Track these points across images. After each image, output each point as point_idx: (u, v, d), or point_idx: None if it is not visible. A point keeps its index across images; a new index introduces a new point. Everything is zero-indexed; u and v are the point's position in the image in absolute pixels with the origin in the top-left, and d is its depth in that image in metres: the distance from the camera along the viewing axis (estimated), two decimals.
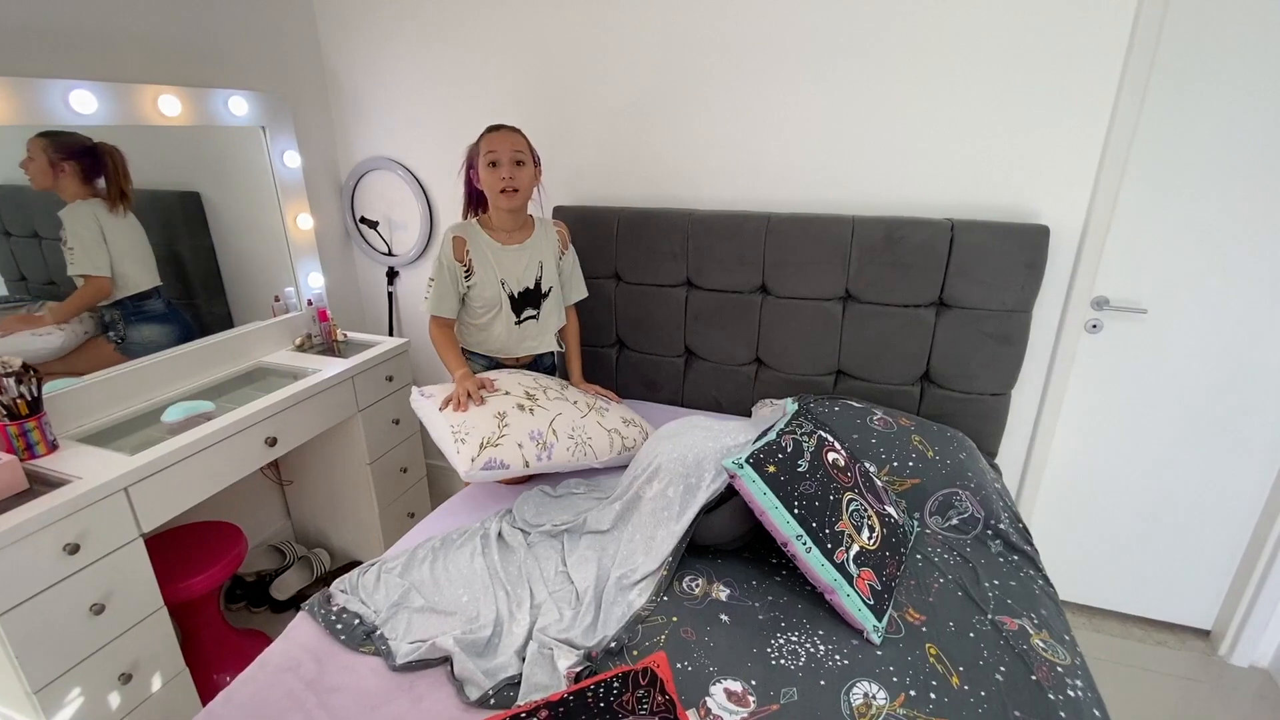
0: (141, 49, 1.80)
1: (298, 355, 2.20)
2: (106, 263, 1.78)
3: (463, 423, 1.58)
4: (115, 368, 1.77)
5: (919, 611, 1.28)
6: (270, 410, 1.79)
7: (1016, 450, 2.02)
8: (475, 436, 1.56)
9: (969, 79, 1.72)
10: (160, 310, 1.95)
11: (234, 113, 1.97)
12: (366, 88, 2.37)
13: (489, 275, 1.77)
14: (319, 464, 2.29)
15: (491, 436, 1.56)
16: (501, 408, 1.63)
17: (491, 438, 1.56)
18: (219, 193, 2.07)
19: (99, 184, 1.75)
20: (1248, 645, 1.93)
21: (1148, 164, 1.69)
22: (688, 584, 1.36)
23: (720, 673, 1.14)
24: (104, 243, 1.77)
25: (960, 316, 1.80)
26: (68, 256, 1.71)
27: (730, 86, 1.93)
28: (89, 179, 1.72)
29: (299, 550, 2.35)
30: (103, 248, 1.77)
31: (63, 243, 1.71)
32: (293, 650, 1.18)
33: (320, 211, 2.42)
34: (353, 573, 1.38)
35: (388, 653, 1.17)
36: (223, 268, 2.14)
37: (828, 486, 1.33)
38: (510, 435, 1.58)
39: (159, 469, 1.52)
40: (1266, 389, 1.77)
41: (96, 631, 1.42)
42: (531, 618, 1.25)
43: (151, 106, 1.75)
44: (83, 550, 1.37)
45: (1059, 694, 1.09)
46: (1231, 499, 1.90)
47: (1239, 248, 1.69)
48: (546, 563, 1.42)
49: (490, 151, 1.67)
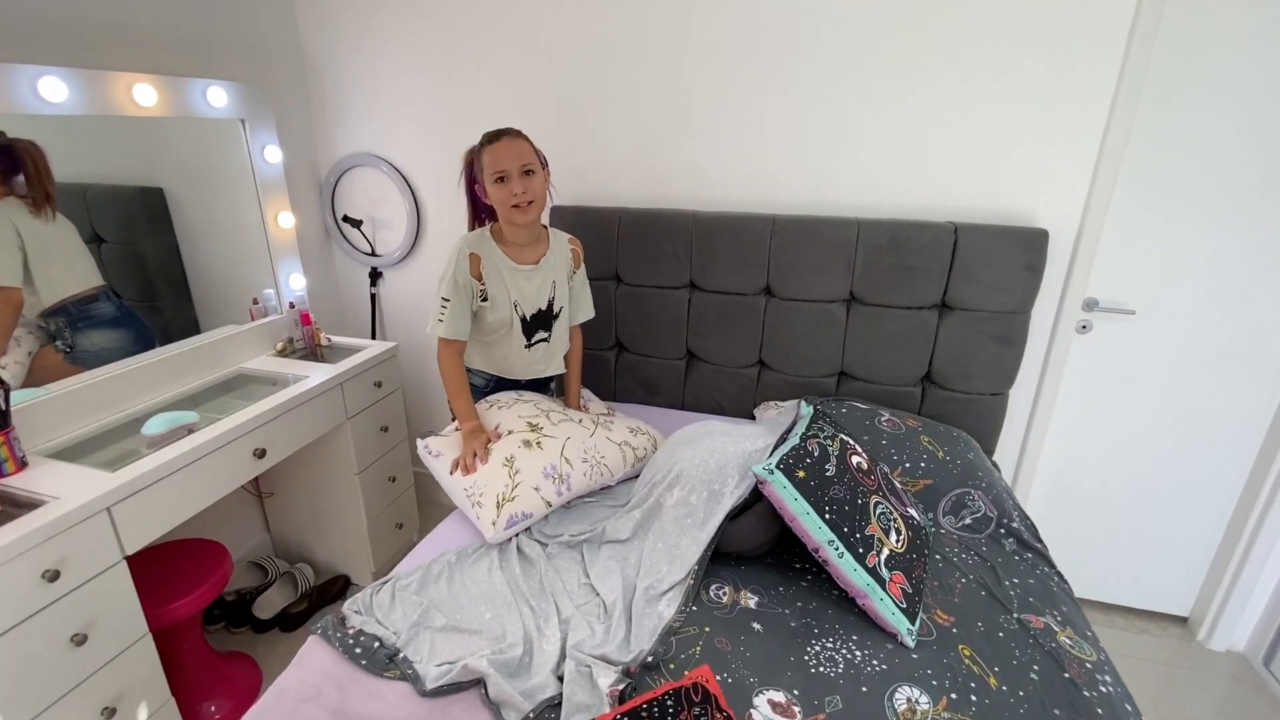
0: (114, 35, 1.67)
1: (280, 361, 2.09)
2: (17, 271, 1.60)
3: (474, 483, 1.51)
4: (79, 377, 1.64)
5: (947, 613, 1.29)
6: (259, 420, 1.70)
7: (1011, 448, 2.07)
8: (490, 496, 1.48)
9: (970, 84, 1.75)
10: (110, 314, 1.81)
11: (212, 104, 1.86)
12: (348, 80, 2.27)
13: (502, 297, 1.66)
14: (302, 475, 2.19)
15: (506, 491, 1.48)
16: (508, 451, 1.54)
17: (506, 492, 1.48)
18: (185, 189, 1.94)
19: (17, 183, 1.60)
20: (1225, 630, 2.02)
21: (1140, 170, 1.75)
22: (715, 592, 1.34)
23: (761, 683, 1.12)
24: (19, 249, 1.60)
25: (962, 318, 1.83)
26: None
27: (735, 88, 1.92)
28: (6, 178, 1.57)
29: (281, 566, 2.24)
30: (14, 254, 1.60)
31: None
32: (311, 678, 1.11)
33: (299, 210, 2.30)
34: (364, 592, 1.31)
35: (415, 677, 1.11)
36: (189, 268, 2.01)
37: (855, 490, 1.33)
38: (524, 481, 1.50)
39: (143, 486, 1.41)
40: (1243, 386, 1.86)
41: (78, 663, 1.31)
42: (562, 633, 1.21)
43: (125, 95, 1.63)
44: (63, 577, 1.26)
45: (1093, 690, 1.11)
46: (1208, 492, 1.99)
47: (1224, 252, 1.77)
48: (568, 575, 1.37)
49: (497, 168, 1.52)
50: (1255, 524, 1.90)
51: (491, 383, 1.84)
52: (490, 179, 1.54)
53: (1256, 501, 1.89)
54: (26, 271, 1.62)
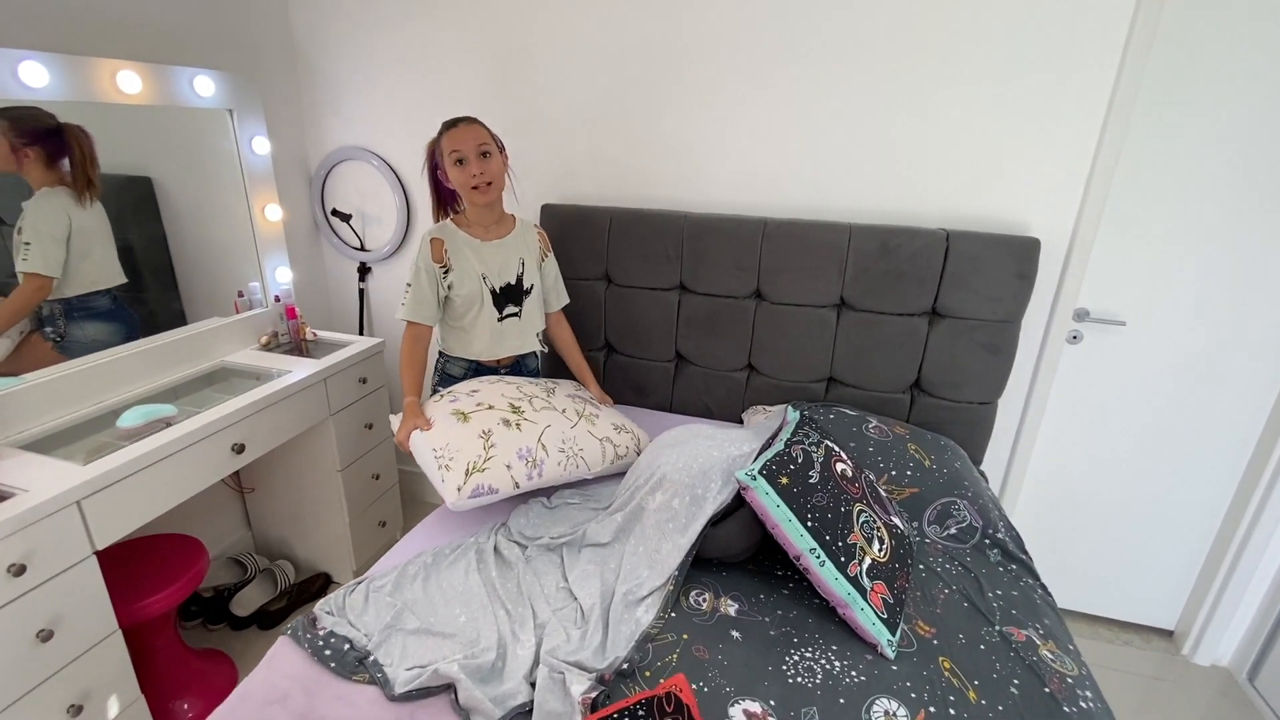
0: (98, 20, 1.65)
1: (263, 355, 2.07)
2: (60, 263, 1.62)
3: (446, 445, 1.50)
4: (58, 367, 1.62)
5: (928, 624, 1.28)
6: (238, 415, 1.67)
7: (999, 458, 2.06)
8: (460, 461, 1.47)
9: (965, 92, 1.73)
10: (106, 307, 1.80)
11: (199, 93, 1.83)
12: (340, 73, 2.24)
13: (469, 270, 1.71)
14: (284, 471, 2.16)
15: (477, 461, 1.47)
16: (486, 425, 1.54)
17: (478, 462, 1.47)
18: (174, 179, 1.92)
19: (64, 167, 1.60)
20: (1210, 644, 2.02)
21: (1133, 181, 1.74)
22: (695, 599, 1.32)
23: (738, 693, 1.10)
24: (66, 242, 1.62)
25: (953, 326, 1.82)
26: (21, 250, 1.56)
27: (728, 90, 1.90)
28: (54, 163, 1.58)
29: (261, 562, 2.21)
30: (62, 248, 1.62)
31: (18, 233, 1.55)
32: (277, 680, 1.09)
33: (287, 202, 2.28)
34: (338, 592, 1.29)
35: (384, 681, 1.08)
36: (175, 260, 1.98)
37: (839, 498, 1.31)
38: (497, 456, 1.49)
39: (115, 479, 1.39)
40: (1232, 399, 1.85)
41: (44, 660, 1.28)
42: (537, 638, 1.19)
43: (109, 82, 1.60)
44: (29, 571, 1.23)
45: (1072, 706, 1.10)
46: (1196, 505, 1.98)
47: (1214, 265, 1.76)
48: (546, 578, 1.35)
49: (454, 150, 1.62)
50: (1242, 537, 1.89)
51: (471, 370, 1.82)
52: (450, 162, 1.63)
53: (1244, 514, 1.88)
54: (65, 263, 1.63)
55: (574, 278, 2.04)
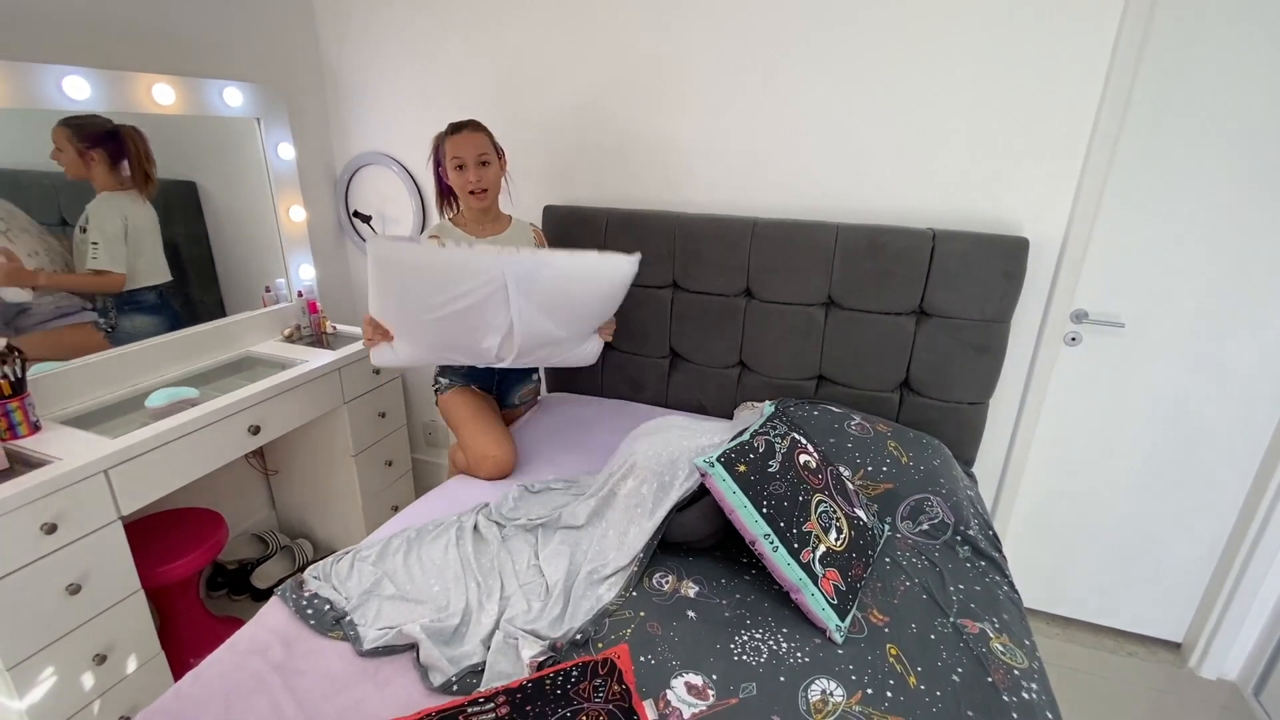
0: (135, 36, 1.82)
1: (286, 346, 2.22)
2: (124, 260, 1.81)
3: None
4: (101, 353, 1.79)
5: (883, 613, 1.30)
6: (255, 399, 1.81)
7: (995, 460, 2.04)
8: None
9: (954, 91, 1.74)
10: (153, 301, 1.97)
11: (228, 103, 1.99)
12: (363, 83, 2.39)
13: None
14: (305, 454, 2.31)
15: None
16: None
17: None
18: (214, 182, 2.09)
19: (124, 170, 1.78)
20: (1217, 658, 1.95)
21: (1129, 180, 1.71)
22: (658, 580, 1.38)
23: (682, 666, 1.15)
24: (125, 240, 1.80)
25: (940, 325, 1.82)
26: (89, 250, 1.75)
27: (719, 92, 1.95)
28: (115, 164, 1.76)
29: (282, 540, 2.37)
30: (124, 245, 1.80)
31: (83, 233, 1.73)
32: (261, 634, 1.20)
33: (314, 204, 2.44)
34: (327, 560, 1.40)
35: (355, 638, 1.18)
36: (216, 257, 2.16)
37: (797, 487, 1.35)
38: None
39: (139, 453, 1.53)
40: (1240, 404, 1.80)
41: (72, 611, 1.43)
42: (500, 608, 1.27)
43: (145, 95, 1.77)
44: (60, 530, 1.38)
45: (1013, 695, 1.11)
46: (1204, 513, 1.92)
47: (1216, 264, 1.71)
48: (519, 556, 1.43)
49: (455, 156, 1.72)
50: (1250, 547, 1.83)
51: (468, 372, 1.92)
52: (451, 166, 1.74)
53: (1252, 523, 1.82)
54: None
55: None
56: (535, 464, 1.85)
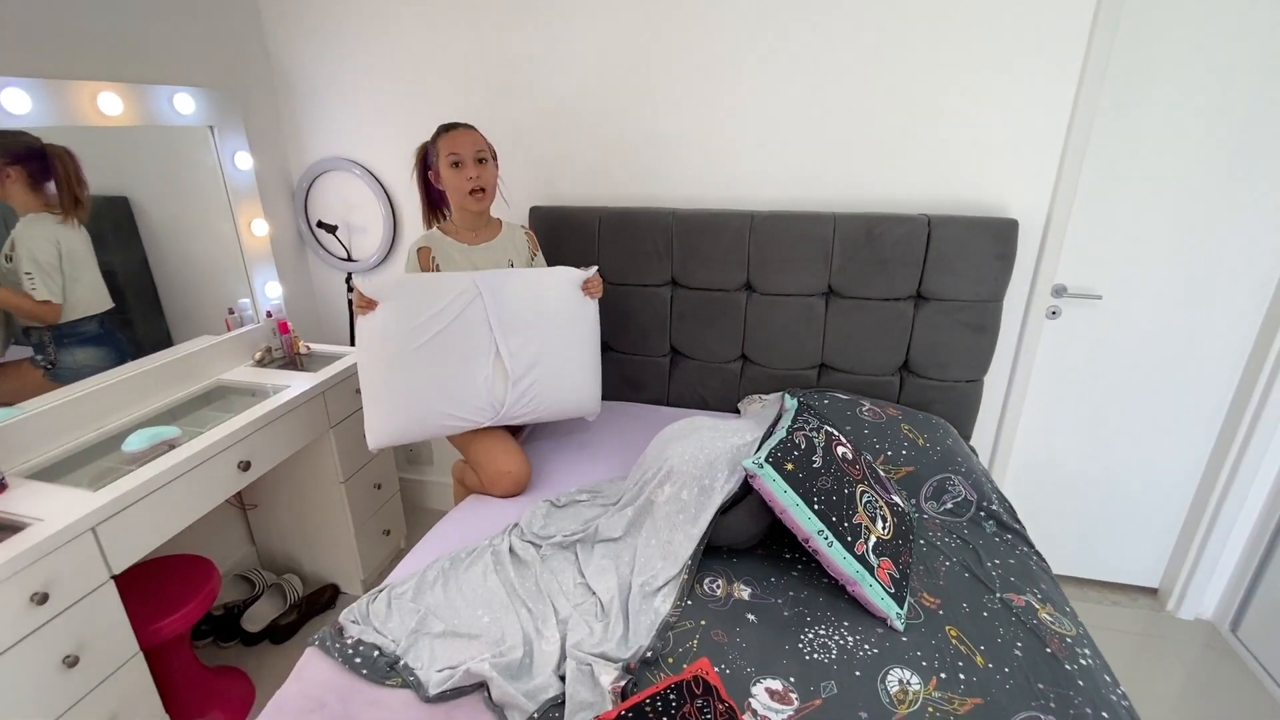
0: (74, 43, 1.63)
1: (259, 371, 2.07)
2: (61, 288, 1.63)
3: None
4: (54, 394, 1.62)
5: (933, 595, 1.33)
6: (241, 432, 1.68)
7: (987, 433, 2.13)
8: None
9: (940, 80, 1.79)
10: (95, 332, 1.79)
11: (180, 111, 1.82)
12: (317, 83, 2.23)
13: None
14: (286, 486, 2.16)
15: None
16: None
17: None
18: (152, 198, 1.90)
19: (49, 191, 1.59)
20: (1193, 599, 2.11)
21: (1106, 158, 1.81)
22: (708, 585, 1.37)
23: (758, 672, 1.15)
24: (60, 267, 1.62)
25: (937, 308, 1.88)
26: (24, 281, 1.56)
27: (707, 85, 1.93)
28: (38, 185, 1.57)
29: (268, 578, 2.21)
30: (59, 273, 1.62)
31: (8, 261, 1.54)
32: (311, 690, 1.11)
33: (271, 216, 2.27)
34: (360, 601, 1.31)
35: (417, 684, 1.12)
36: (158, 281, 1.97)
37: (842, 480, 1.37)
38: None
39: (127, 504, 1.39)
40: (1207, 365, 1.94)
41: (71, 685, 1.30)
42: (561, 634, 1.22)
43: (90, 105, 1.59)
44: (52, 599, 1.24)
45: (1073, 663, 1.16)
46: (1175, 467, 2.07)
47: (1187, 236, 1.83)
48: (563, 575, 1.39)
49: (452, 153, 1.64)
50: (1220, 494, 1.98)
51: None
52: (446, 165, 1.65)
53: (1220, 473, 1.97)
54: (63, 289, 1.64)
55: None
56: (547, 474, 1.80)
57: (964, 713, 1.07)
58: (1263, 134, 1.70)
